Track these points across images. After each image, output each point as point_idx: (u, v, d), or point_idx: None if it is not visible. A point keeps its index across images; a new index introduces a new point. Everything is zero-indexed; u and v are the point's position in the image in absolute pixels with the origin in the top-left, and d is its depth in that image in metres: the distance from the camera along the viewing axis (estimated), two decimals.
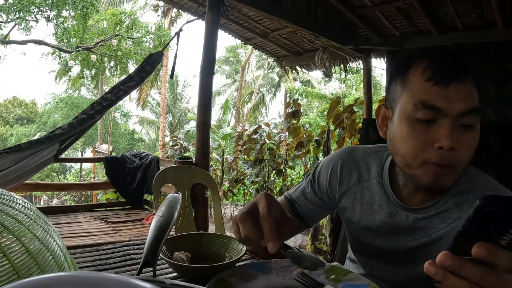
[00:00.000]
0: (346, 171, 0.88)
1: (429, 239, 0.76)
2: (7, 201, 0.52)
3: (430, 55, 0.70)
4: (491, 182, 0.77)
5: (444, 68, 0.67)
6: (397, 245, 0.81)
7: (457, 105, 0.65)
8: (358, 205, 0.86)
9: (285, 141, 6.71)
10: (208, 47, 2.91)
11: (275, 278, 0.74)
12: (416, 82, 0.69)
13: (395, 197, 0.80)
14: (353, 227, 0.89)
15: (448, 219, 0.75)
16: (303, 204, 0.94)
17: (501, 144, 1.40)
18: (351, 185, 0.87)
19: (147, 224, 3.66)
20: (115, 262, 0.86)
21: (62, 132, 3.35)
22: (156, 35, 12.64)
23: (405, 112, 0.70)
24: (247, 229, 0.62)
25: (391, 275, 0.85)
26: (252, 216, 0.62)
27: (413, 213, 0.78)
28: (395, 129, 0.73)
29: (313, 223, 0.99)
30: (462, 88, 0.66)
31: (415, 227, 0.78)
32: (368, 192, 0.85)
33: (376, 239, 0.84)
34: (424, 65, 0.69)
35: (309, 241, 3.30)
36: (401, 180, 0.80)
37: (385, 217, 0.82)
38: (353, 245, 0.95)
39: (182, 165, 2.94)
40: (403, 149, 0.71)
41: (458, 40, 3.47)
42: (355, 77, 14.73)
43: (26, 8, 9.71)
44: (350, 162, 0.88)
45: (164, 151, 10.44)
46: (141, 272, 0.68)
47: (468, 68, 0.68)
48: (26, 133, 19.61)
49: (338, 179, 0.89)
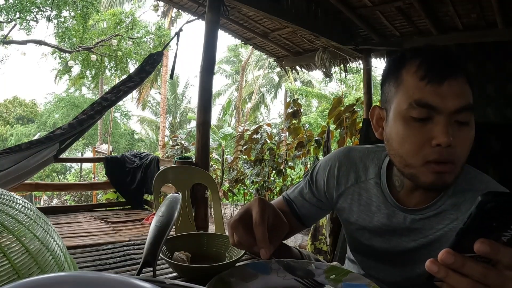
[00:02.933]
0: (343, 172, 0.88)
1: (427, 240, 0.76)
2: (7, 201, 0.52)
3: (421, 54, 0.71)
4: (490, 182, 0.77)
5: (436, 66, 0.68)
6: (395, 246, 0.81)
7: (451, 102, 0.66)
8: (355, 206, 0.86)
9: (285, 141, 6.71)
10: (208, 47, 2.91)
11: (275, 278, 0.74)
12: (410, 81, 0.69)
13: (393, 198, 0.80)
14: (351, 227, 0.89)
15: (446, 220, 0.75)
16: (301, 204, 0.94)
17: (501, 144, 1.40)
18: (348, 185, 0.87)
19: (147, 224, 3.66)
20: (115, 262, 0.85)
21: (62, 132, 3.35)
22: (156, 35, 12.64)
23: (400, 112, 0.70)
24: (239, 235, 0.64)
25: (388, 276, 0.85)
26: (245, 222, 0.64)
27: (411, 214, 0.78)
28: (391, 129, 0.73)
29: (311, 223, 0.99)
30: (455, 85, 0.67)
31: (413, 228, 0.78)
32: (365, 193, 0.85)
33: (373, 239, 0.84)
34: (416, 64, 0.69)
35: (309, 241, 3.30)
36: (398, 181, 0.80)
37: (382, 218, 0.82)
38: (351, 245, 0.95)
39: (182, 165, 2.94)
40: (401, 149, 0.71)
41: (458, 40, 3.47)
42: (355, 77, 14.74)
43: (27, 8, 9.71)
44: (348, 162, 0.88)
45: (164, 151, 10.44)
46: (141, 272, 0.68)
47: (459, 65, 0.69)
48: (26, 133, 19.61)
49: (335, 180, 0.89)
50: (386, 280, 0.86)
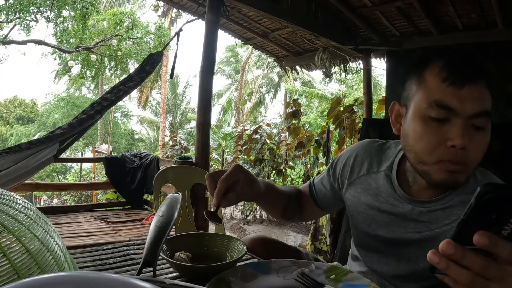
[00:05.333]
0: (358, 162, 0.92)
1: (432, 234, 0.77)
2: (7, 201, 0.52)
3: (445, 56, 0.72)
4: (498, 182, 0.78)
5: (459, 69, 0.69)
6: (399, 237, 0.82)
7: (469, 106, 0.67)
8: (364, 195, 0.89)
9: (285, 141, 6.71)
10: (208, 47, 2.90)
11: (275, 278, 0.74)
12: (432, 81, 0.71)
13: (401, 190, 0.82)
14: (358, 217, 0.90)
15: (453, 216, 0.76)
16: (319, 188, 1.02)
17: (501, 144, 1.40)
18: (360, 175, 0.91)
19: (147, 224, 3.66)
20: (115, 262, 0.86)
21: (62, 132, 3.34)
22: (156, 35, 12.63)
23: (419, 110, 0.72)
24: (208, 183, 0.80)
25: (392, 270, 0.86)
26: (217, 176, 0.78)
27: (418, 206, 0.79)
28: (409, 126, 0.75)
29: (327, 209, 1.04)
30: (475, 89, 0.68)
31: (419, 220, 0.79)
32: (375, 183, 0.87)
33: (379, 230, 0.86)
34: (439, 66, 0.71)
35: (309, 241, 3.30)
36: (411, 176, 0.81)
37: (390, 208, 0.83)
38: (355, 238, 0.96)
39: (182, 165, 2.94)
40: (416, 146, 0.73)
41: (458, 40, 3.47)
42: (355, 77, 14.73)
43: (26, 8, 9.71)
44: (364, 153, 0.92)
45: (164, 151, 10.44)
46: (141, 272, 0.68)
47: (481, 69, 0.70)
48: (26, 133, 19.60)
49: (349, 168, 0.93)
50: (390, 274, 0.86)
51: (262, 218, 6.62)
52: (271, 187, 0.95)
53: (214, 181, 0.78)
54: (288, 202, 1.00)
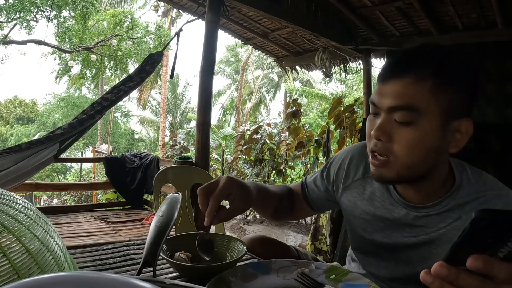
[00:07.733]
0: (353, 166, 0.91)
1: (428, 237, 0.77)
2: (7, 201, 0.52)
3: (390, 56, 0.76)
4: (494, 183, 0.77)
5: (387, 67, 0.73)
6: (396, 241, 0.82)
7: (386, 101, 0.70)
8: (359, 199, 0.88)
9: (285, 141, 6.71)
10: (208, 47, 2.90)
11: (275, 278, 0.74)
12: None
13: (397, 194, 0.81)
14: (354, 221, 0.90)
15: (449, 219, 0.75)
16: (311, 189, 1.01)
17: (501, 144, 1.40)
18: (356, 179, 0.90)
19: (147, 224, 3.66)
20: (115, 262, 0.86)
21: (62, 132, 3.34)
22: (156, 35, 12.63)
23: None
24: (200, 200, 0.75)
25: (389, 273, 0.86)
26: (209, 190, 0.75)
27: (414, 210, 0.79)
28: None
29: (319, 209, 1.04)
30: (397, 85, 0.69)
31: (415, 224, 0.79)
32: (370, 187, 0.87)
33: (375, 234, 0.85)
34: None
35: (309, 241, 3.29)
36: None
37: (385, 212, 0.83)
38: (353, 242, 0.96)
39: (182, 165, 2.94)
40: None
41: (458, 40, 3.47)
42: (355, 77, 14.73)
43: (27, 8, 9.71)
44: (359, 157, 0.91)
45: (164, 151, 10.44)
46: (141, 272, 0.68)
47: (412, 65, 0.69)
48: (26, 133, 19.61)
49: (344, 172, 0.92)
50: (387, 277, 0.86)
51: (262, 218, 6.62)
52: (263, 191, 0.92)
53: (206, 198, 0.74)
54: (280, 203, 0.98)
